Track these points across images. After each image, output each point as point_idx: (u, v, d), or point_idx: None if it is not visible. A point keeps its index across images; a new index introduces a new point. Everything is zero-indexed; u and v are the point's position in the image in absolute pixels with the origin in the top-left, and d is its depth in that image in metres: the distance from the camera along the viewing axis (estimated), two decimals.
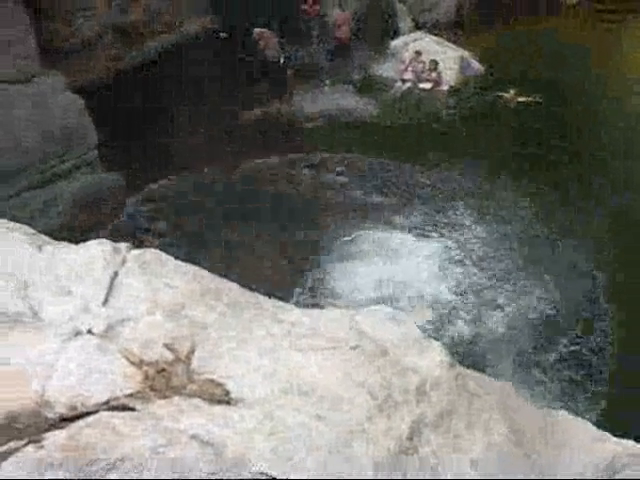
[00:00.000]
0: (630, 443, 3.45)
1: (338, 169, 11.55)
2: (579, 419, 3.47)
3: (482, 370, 4.18)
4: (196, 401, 2.47)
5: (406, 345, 2.86)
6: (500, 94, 14.68)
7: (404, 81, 15.08)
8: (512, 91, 14.48)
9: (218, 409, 2.44)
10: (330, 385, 2.54)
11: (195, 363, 2.62)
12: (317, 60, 15.74)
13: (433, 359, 2.81)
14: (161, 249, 3.25)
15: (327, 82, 14.91)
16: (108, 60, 14.06)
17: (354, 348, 2.69)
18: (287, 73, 14.54)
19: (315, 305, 8.17)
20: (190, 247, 8.87)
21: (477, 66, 16.23)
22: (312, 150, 12.13)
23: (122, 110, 12.46)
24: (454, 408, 2.72)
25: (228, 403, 2.47)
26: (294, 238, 9.74)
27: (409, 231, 10.06)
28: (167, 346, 2.63)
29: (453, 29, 18.43)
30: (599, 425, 3.40)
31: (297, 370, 2.58)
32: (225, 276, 3.25)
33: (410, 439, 2.49)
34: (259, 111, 13.65)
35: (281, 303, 3.16)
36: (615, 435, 3.40)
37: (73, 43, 12.89)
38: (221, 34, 16.69)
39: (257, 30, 14.26)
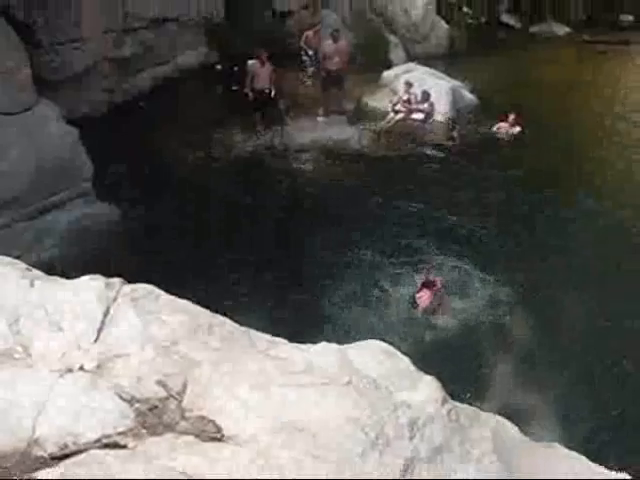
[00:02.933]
0: (626, 477, 3.44)
1: None
2: (574, 453, 3.46)
3: None
4: (188, 438, 2.46)
5: (399, 380, 2.85)
6: (496, 125, 14.72)
7: (396, 112, 15.16)
8: (512, 116, 14.47)
9: (210, 446, 2.43)
10: (323, 422, 2.53)
11: (187, 400, 2.61)
12: (310, 91, 15.86)
13: (426, 394, 2.81)
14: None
15: (320, 113, 14.99)
16: (101, 92, 14.13)
17: (346, 384, 2.69)
18: (280, 104, 14.63)
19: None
20: None
21: (470, 97, 16.35)
22: None
23: (117, 141, 12.53)
24: (447, 443, 2.71)
25: (220, 440, 2.46)
26: None
27: None
28: (159, 382, 2.62)
29: (446, 60, 18.61)
30: None
31: (290, 407, 2.57)
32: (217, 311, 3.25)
33: (403, 475, 2.48)
34: (252, 143, 13.71)
35: (274, 338, 3.16)
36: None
37: (63, 74, 12.95)
38: (217, 66, 16.85)
39: (251, 62, 14.36)
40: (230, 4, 17.39)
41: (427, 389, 2.84)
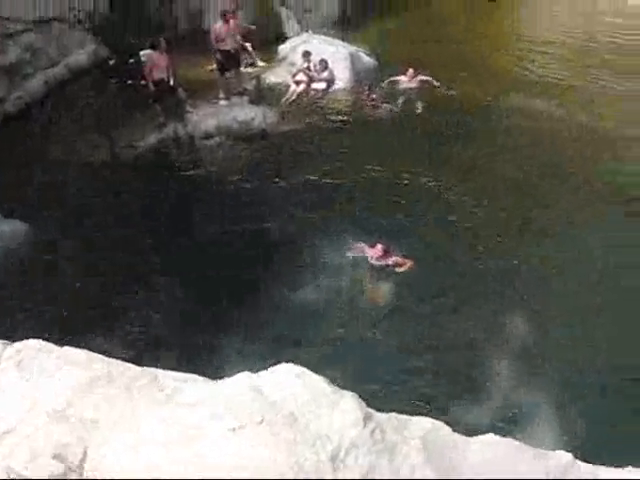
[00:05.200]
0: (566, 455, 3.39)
1: None
2: (509, 439, 3.38)
3: None
4: None
5: (316, 406, 2.70)
6: (395, 79, 14.67)
7: (297, 83, 14.93)
8: (410, 71, 14.44)
9: None
10: (236, 469, 2.36)
11: (88, 468, 2.40)
12: (208, 75, 15.47)
13: (346, 417, 2.66)
14: None
15: (221, 96, 14.64)
16: None
17: (260, 424, 2.52)
18: (180, 93, 14.20)
19: None
20: None
21: (369, 60, 16.23)
22: None
23: (14, 152, 12.00)
24: (375, 466, 2.58)
25: None
26: None
27: None
28: (56, 456, 2.40)
29: (339, 26, 18.41)
30: None
31: (200, 458, 2.40)
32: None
33: None
34: (156, 136, 13.29)
35: (181, 375, 2.97)
36: None
37: None
38: (109, 61, 16.26)
39: (144, 52, 13.86)
40: None
41: (347, 411, 2.70)
